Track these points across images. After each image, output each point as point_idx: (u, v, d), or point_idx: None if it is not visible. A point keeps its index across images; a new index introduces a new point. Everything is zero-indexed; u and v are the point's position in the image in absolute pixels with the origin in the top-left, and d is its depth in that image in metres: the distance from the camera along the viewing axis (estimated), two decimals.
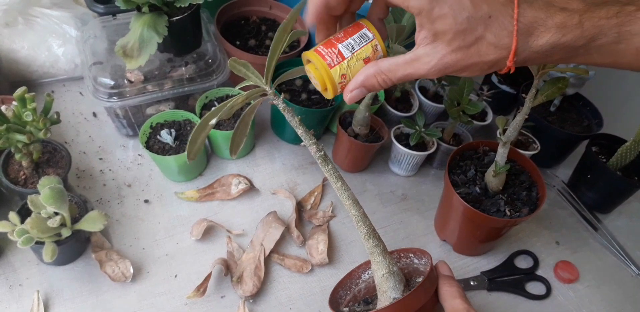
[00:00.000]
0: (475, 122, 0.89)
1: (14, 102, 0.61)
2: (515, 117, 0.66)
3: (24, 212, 0.63)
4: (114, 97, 0.75)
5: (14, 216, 0.62)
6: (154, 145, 0.77)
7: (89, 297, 0.67)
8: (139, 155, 0.85)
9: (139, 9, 0.70)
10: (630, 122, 0.89)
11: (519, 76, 0.97)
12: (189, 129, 0.80)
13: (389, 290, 0.48)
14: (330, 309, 0.53)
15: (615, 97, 1.08)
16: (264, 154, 0.89)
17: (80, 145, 0.84)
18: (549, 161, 0.97)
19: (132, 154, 0.85)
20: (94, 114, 0.89)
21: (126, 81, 0.76)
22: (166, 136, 0.77)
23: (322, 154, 0.47)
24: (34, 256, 0.69)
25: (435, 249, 0.81)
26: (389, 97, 0.92)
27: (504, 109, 1.03)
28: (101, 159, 0.83)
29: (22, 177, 0.69)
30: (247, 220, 0.79)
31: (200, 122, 0.45)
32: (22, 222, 0.61)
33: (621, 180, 0.84)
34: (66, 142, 0.84)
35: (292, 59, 0.87)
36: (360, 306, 0.54)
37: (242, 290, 0.70)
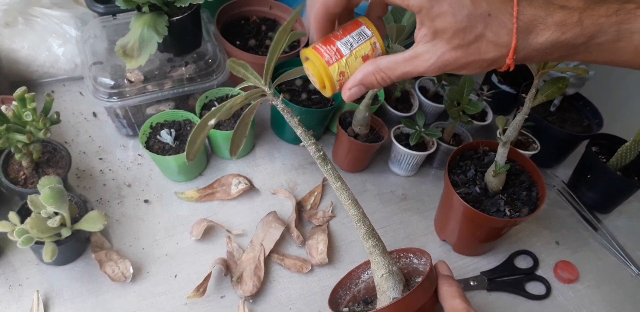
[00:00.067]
0: (475, 122, 0.89)
1: (14, 102, 0.61)
2: (515, 117, 0.66)
3: (24, 212, 0.63)
4: (114, 97, 0.75)
5: (13, 216, 0.62)
6: (154, 145, 0.77)
7: (88, 297, 0.67)
8: (139, 155, 0.85)
9: (139, 8, 0.70)
10: (630, 122, 0.89)
11: (519, 76, 0.97)
12: (189, 129, 0.80)
13: (389, 290, 0.48)
14: (330, 309, 0.53)
15: (615, 97, 1.08)
16: (264, 154, 0.89)
17: (80, 145, 0.84)
18: (549, 161, 0.97)
19: (132, 154, 0.85)
20: (94, 114, 0.89)
21: (126, 81, 0.76)
22: (166, 136, 0.77)
23: (321, 154, 0.47)
24: (34, 256, 0.69)
25: (435, 249, 0.81)
26: (389, 97, 0.92)
27: (504, 109, 1.03)
28: (101, 159, 0.83)
29: (22, 177, 0.69)
30: (247, 220, 0.79)
31: (199, 122, 0.45)
32: (22, 222, 0.61)
33: (621, 180, 0.84)
34: (66, 142, 0.84)
35: (292, 59, 0.87)
36: (360, 306, 0.54)
37: (242, 290, 0.70)
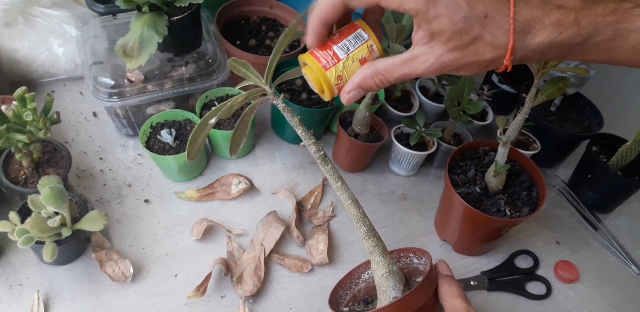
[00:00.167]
0: (475, 121, 0.89)
1: (14, 102, 0.61)
2: (515, 116, 0.66)
3: (24, 212, 0.63)
4: (114, 97, 0.75)
5: (14, 216, 0.62)
6: (154, 145, 0.77)
7: (89, 297, 0.67)
8: (139, 155, 0.85)
9: (139, 8, 0.70)
10: (630, 121, 0.89)
11: (519, 76, 0.97)
12: (189, 128, 0.80)
13: (389, 289, 0.48)
14: (330, 308, 0.53)
15: (615, 97, 1.08)
16: (264, 154, 0.89)
17: (80, 145, 0.84)
18: (550, 161, 0.97)
19: (132, 153, 0.85)
20: (94, 114, 0.89)
21: (126, 81, 0.76)
22: (166, 136, 0.77)
23: (321, 153, 0.47)
24: (34, 256, 0.69)
25: (435, 249, 0.81)
26: (389, 97, 0.92)
27: (505, 108, 1.03)
28: (101, 158, 0.83)
29: (23, 176, 0.69)
30: (247, 220, 0.79)
31: (200, 122, 0.45)
32: (22, 222, 0.61)
33: (622, 180, 0.84)
34: (66, 142, 0.84)
35: (292, 58, 0.87)
36: (360, 306, 0.54)
37: (242, 290, 0.70)
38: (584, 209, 0.91)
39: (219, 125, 0.80)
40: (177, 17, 0.72)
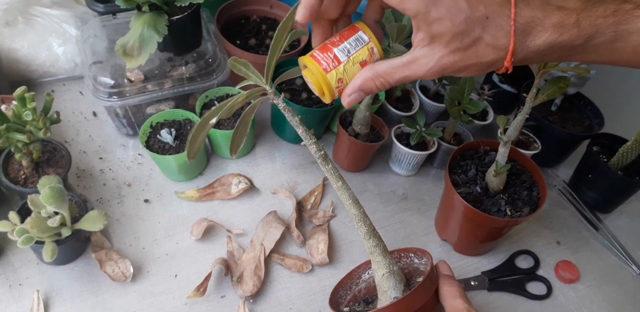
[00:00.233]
0: (476, 121, 0.89)
1: (14, 102, 0.61)
2: (516, 116, 0.66)
3: (24, 212, 0.63)
4: (114, 97, 0.75)
5: (14, 216, 0.62)
6: (154, 144, 0.77)
7: (88, 296, 0.67)
8: (139, 154, 0.85)
9: (139, 8, 0.70)
10: (631, 121, 0.89)
11: (520, 75, 0.96)
12: (189, 128, 0.80)
13: (390, 289, 0.48)
14: (330, 308, 0.53)
15: (616, 97, 1.08)
16: (264, 154, 0.89)
17: (80, 144, 0.84)
18: (550, 161, 0.96)
19: (132, 153, 0.84)
20: (94, 114, 0.89)
21: (126, 80, 0.76)
22: (166, 136, 0.77)
23: (322, 153, 0.47)
24: (34, 256, 0.69)
25: (435, 249, 0.81)
26: (390, 97, 0.92)
27: (505, 108, 1.03)
28: (101, 158, 0.83)
29: (22, 176, 0.69)
30: (248, 219, 0.79)
31: (200, 121, 0.45)
32: (22, 221, 0.61)
33: (622, 180, 0.84)
34: (66, 142, 0.83)
35: (293, 58, 0.87)
36: (360, 306, 0.54)
37: (242, 290, 0.70)
38: (585, 209, 0.91)
39: (219, 125, 0.80)
40: (177, 17, 0.72)
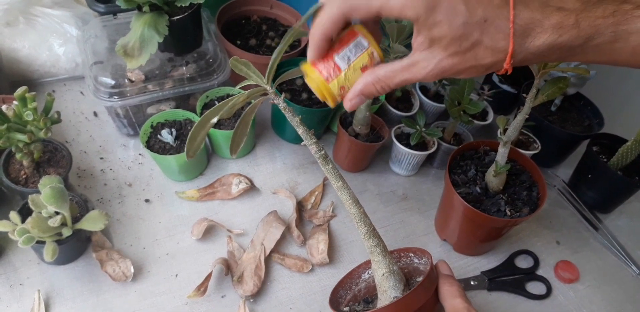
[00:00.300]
0: (475, 121, 0.89)
1: (15, 102, 0.61)
2: (516, 116, 0.66)
3: (25, 212, 0.63)
4: (115, 97, 0.75)
5: (14, 216, 0.62)
6: (154, 144, 0.78)
7: (89, 296, 0.67)
8: (140, 154, 0.85)
9: (139, 8, 0.70)
10: (631, 121, 0.89)
11: (520, 76, 0.97)
12: (189, 128, 0.80)
13: (390, 289, 0.48)
14: (330, 308, 0.53)
15: (616, 97, 1.08)
16: (265, 154, 0.89)
17: (81, 144, 0.84)
18: (550, 161, 0.97)
19: (132, 153, 0.85)
20: (95, 114, 0.89)
21: (127, 80, 0.76)
22: (167, 136, 0.77)
23: (322, 153, 0.47)
24: (35, 256, 0.69)
25: (435, 249, 0.81)
26: (390, 97, 0.92)
27: (505, 108, 1.03)
28: (102, 158, 0.83)
29: (23, 176, 0.69)
30: (248, 219, 0.79)
31: (200, 119, 0.45)
32: (23, 221, 0.61)
33: (622, 180, 0.84)
34: (67, 142, 0.84)
35: (293, 58, 0.87)
36: (360, 306, 0.54)
37: (242, 289, 0.70)
38: (584, 209, 0.91)
39: (219, 124, 0.80)
40: (178, 17, 0.72)
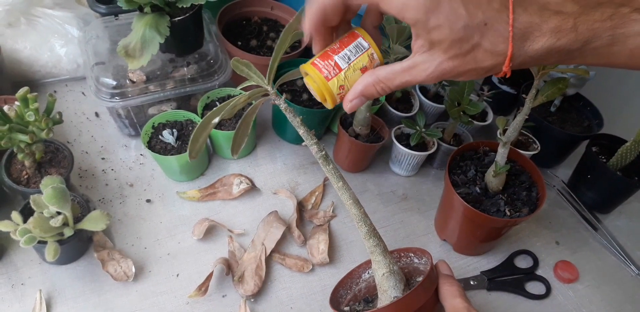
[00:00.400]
0: (475, 122, 0.90)
1: (17, 102, 0.61)
2: (515, 117, 0.67)
3: (27, 212, 0.64)
4: (116, 97, 0.75)
5: (16, 216, 0.62)
6: (156, 145, 0.78)
7: (91, 296, 0.68)
8: (141, 155, 0.85)
9: (141, 9, 0.70)
10: (630, 122, 0.89)
11: (519, 77, 0.97)
12: (190, 129, 0.80)
13: (390, 289, 0.48)
14: (331, 308, 0.53)
15: (615, 98, 1.09)
16: (266, 154, 0.89)
17: (82, 145, 0.84)
18: (549, 161, 0.97)
19: (134, 153, 0.85)
20: (96, 114, 0.89)
21: (128, 81, 0.77)
22: (168, 136, 0.78)
23: (323, 154, 0.48)
24: (37, 255, 0.70)
25: (435, 249, 0.82)
26: (390, 98, 0.92)
27: (505, 109, 1.03)
28: (103, 158, 0.83)
29: (25, 176, 0.69)
30: (249, 220, 0.79)
31: (202, 121, 0.46)
32: (25, 221, 0.61)
33: (621, 180, 0.84)
34: (68, 142, 0.84)
35: (294, 59, 0.87)
36: (360, 305, 0.54)
37: (243, 289, 0.70)
38: (584, 209, 0.91)
39: (220, 125, 0.81)
40: (179, 18, 0.72)
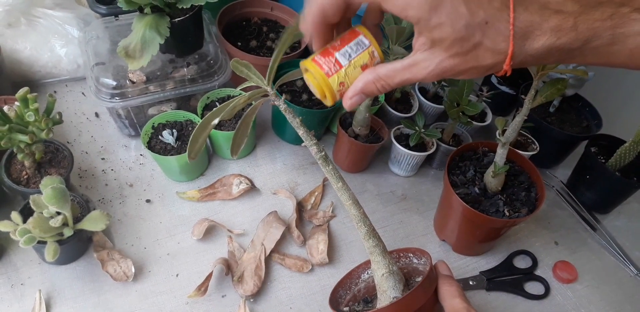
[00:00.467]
0: (474, 122, 0.90)
1: (17, 103, 0.61)
2: (514, 118, 0.67)
3: (26, 212, 0.64)
4: (116, 98, 0.75)
5: (16, 216, 0.62)
6: (155, 145, 0.78)
7: (90, 296, 0.68)
8: (141, 155, 0.85)
9: (141, 10, 0.70)
10: (629, 122, 0.89)
11: (518, 77, 0.97)
12: (190, 129, 0.80)
13: (389, 289, 0.48)
14: (330, 308, 0.53)
15: (614, 98, 1.09)
16: (265, 155, 0.89)
17: (82, 145, 0.84)
18: (548, 162, 0.97)
19: (134, 154, 0.85)
20: (96, 114, 0.89)
21: (128, 82, 0.77)
22: (168, 136, 0.78)
23: (322, 154, 0.48)
24: (36, 256, 0.70)
25: (434, 249, 0.82)
26: (389, 98, 0.93)
27: (504, 109, 1.03)
28: (103, 159, 0.83)
29: (25, 177, 0.70)
30: (248, 220, 0.79)
31: (201, 121, 0.46)
32: (25, 221, 0.61)
33: (620, 180, 0.84)
34: (68, 142, 0.84)
35: (293, 60, 0.87)
36: (360, 306, 0.54)
37: (242, 289, 0.70)
38: (583, 209, 0.91)
39: (220, 126, 0.81)
40: (179, 19, 0.72)
